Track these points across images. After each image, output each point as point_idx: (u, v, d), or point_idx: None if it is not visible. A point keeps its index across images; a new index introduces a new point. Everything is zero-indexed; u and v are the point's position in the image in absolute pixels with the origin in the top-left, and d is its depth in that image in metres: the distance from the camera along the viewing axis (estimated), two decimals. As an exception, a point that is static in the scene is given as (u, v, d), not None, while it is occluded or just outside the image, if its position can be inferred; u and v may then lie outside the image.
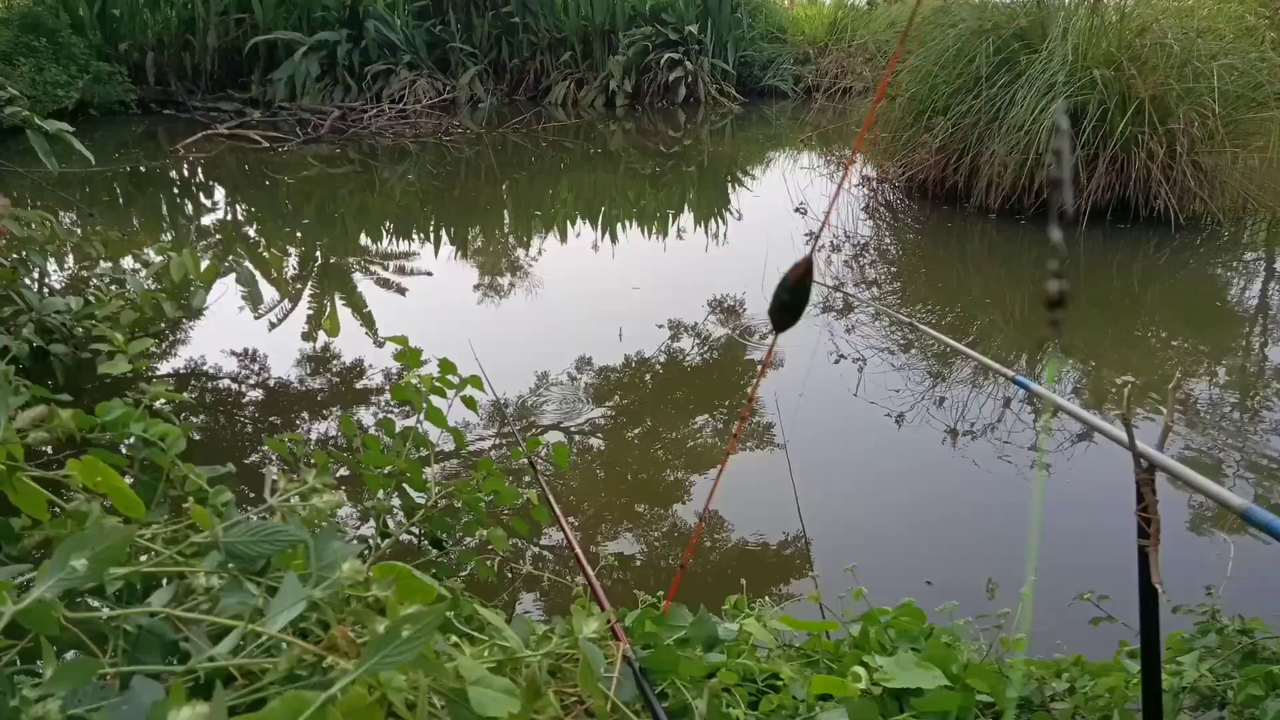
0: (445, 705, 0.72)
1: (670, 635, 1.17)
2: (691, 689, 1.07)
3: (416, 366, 1.50)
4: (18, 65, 8.83)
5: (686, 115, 11.36)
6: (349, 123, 9.93)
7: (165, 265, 3.05)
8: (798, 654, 1.29)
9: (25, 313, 2.95)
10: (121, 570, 0.74)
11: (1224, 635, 1.41)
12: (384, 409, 3.50)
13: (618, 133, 10.36)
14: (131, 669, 0.66)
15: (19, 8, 9.69)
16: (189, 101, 10.70)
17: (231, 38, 11.02)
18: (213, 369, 3.88)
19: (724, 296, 4.88)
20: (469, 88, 11.42)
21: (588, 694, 0.91)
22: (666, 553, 2.69)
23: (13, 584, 0.66)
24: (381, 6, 11.22)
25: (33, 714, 0.56)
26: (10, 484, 0.81)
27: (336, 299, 4.96)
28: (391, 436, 1.53)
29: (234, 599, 0.73)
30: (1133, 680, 1.27)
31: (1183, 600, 1.52)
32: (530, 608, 2.31)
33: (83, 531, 0.66)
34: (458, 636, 0.93)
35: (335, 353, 4.14)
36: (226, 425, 3.50)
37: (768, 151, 9.81)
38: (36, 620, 0.60)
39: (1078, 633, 1.64)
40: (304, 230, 6.54)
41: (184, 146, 8.55)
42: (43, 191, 5.51)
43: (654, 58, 11.56)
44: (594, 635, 0.87)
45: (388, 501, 1.47)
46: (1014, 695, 1.24)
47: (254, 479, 2.80)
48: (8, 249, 3.00)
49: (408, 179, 8.09)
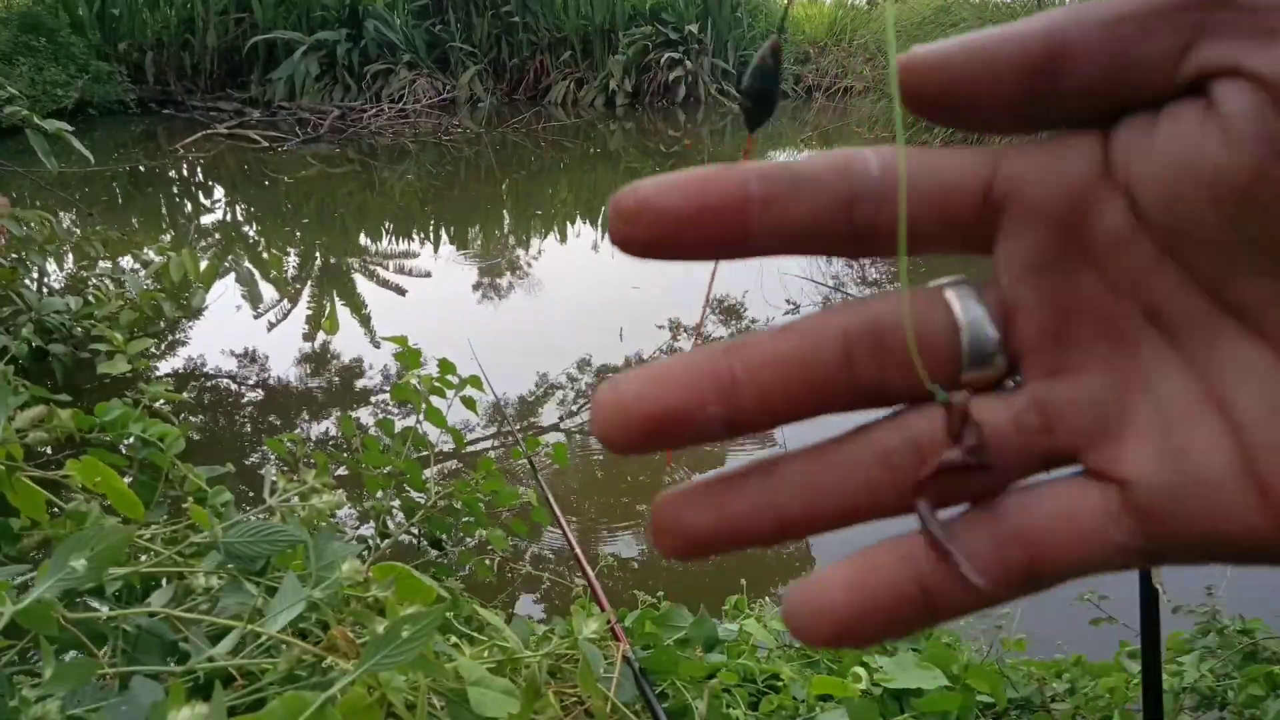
0: (445, 706, 0.72)
1: (670, 636, 1.17)
2: (691, 689, 1.07)
3: (416, 366, 1.50)
4: (17, 65, 8.83)
5: (687, 115, 11.36)
6: (348, 122, 9.93)
7: (164, 265, 3.04)
8: (798, 654, 1.29)
9: (24, 312, 2.95)
10: (121, 570, 0.74)
11: (1225, 635, 1.42)
12: (383, 409, 3.50)
13: (617, 132, 10.36)
14: (131, 669, 0.66)
15: (18, 7, 9.68)
16: (188, 101, 10.70)
17: (231, 37, 11.01)
18: (212, 369, 3.88)
19: (724, 296, 4.89)
20: (468, 87, 11.42)
21: (587, 694, 0.91)
22: (666, 553, 2.68)
23: (12, 584, 0.66)
24: (381, 6, 11.21)
25: (32, 714, 0.56)
26: (9, 484, 0.81)
27: (336, 298, 4.96)
28: (391, 436, 1.53)
29: (233, 599, 0.73)
30: (1133, 681, 1.27)
31: (1183, 600, 1.52)
32: (530, 608, 2.31)
33: (82, 532, 0.66)
34: (457, 637, 0.93)
35: (335, 352, 4.14)
36: (226, 425, 3.50)
37: (768, 151, 9.82)
38: (36, 620, 0.60)
39: (1078, 633, 1.64)
40: (303, 230, 6.55)
41: (183, 146, 8.55)
42: (42, 191, 5.51)
43: (654, 57, 11.56)
44: (594, 636, 0.86)
45: (387, 502, 1.47)
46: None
47: (253, 479, 2.80)
48: (7, 249, 3.00)
49: (407, 178, 8.09)
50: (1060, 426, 0.19)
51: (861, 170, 0.18)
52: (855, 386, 0.19)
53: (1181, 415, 0.18)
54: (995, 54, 0.18)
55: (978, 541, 0.18)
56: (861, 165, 0.18)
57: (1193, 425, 0.18)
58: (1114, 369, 0.18)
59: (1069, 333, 0.19)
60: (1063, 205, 0.18)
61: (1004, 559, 0.18)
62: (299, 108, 10.42)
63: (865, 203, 0.18)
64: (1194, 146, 0.17)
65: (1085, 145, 0.19)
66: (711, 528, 0.19)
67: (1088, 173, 0.18)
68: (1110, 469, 0.18)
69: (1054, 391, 0.19)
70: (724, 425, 0.18)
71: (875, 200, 0.18)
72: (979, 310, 0.19)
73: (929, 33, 6.71)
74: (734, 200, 0.18)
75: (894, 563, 0.19)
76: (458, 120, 10.35)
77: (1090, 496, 0.18)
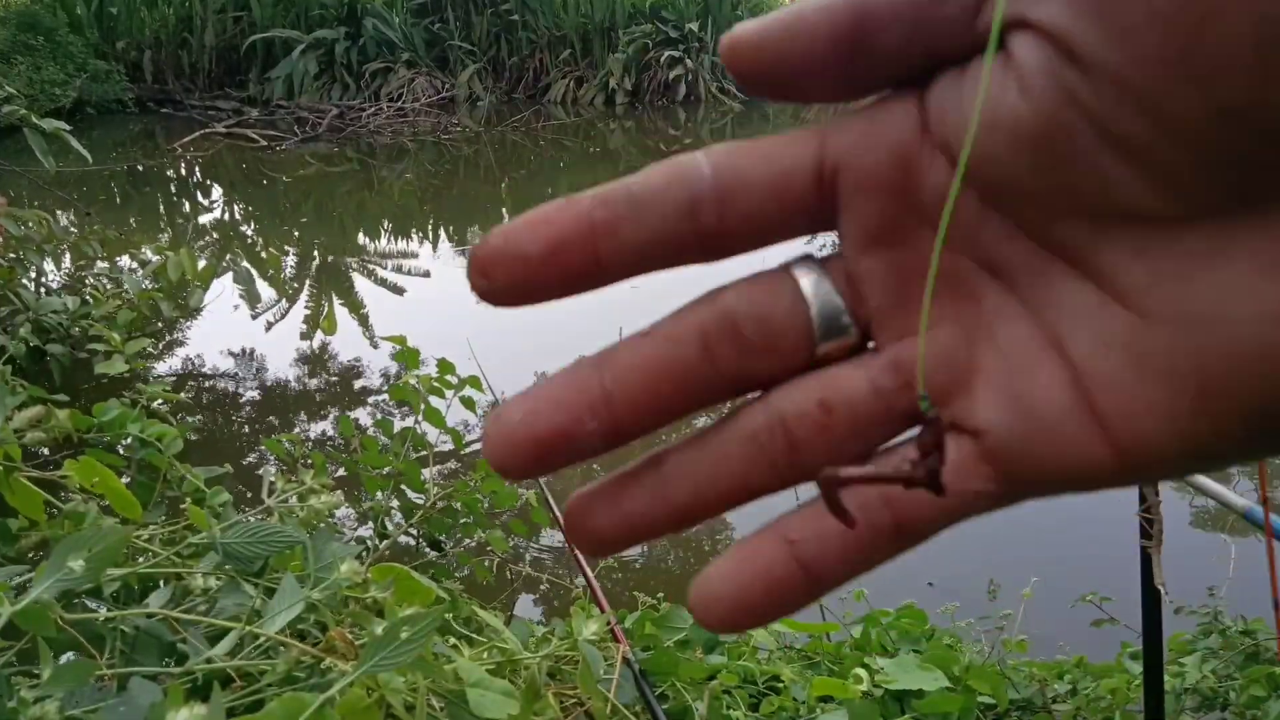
0: (444, 707, 0.72)
1: (670, 637, 1.16)
2: (692, 691, 1.07)
3: (415, 366, 1.50)
4: (15, 64, 8.81)
5: (687, 113, 11.35)
6: (347, 121, 9.92)
7: (162, 264, 3.04)
8: (799, 656, 1.29)
9: (22, 312, 2.94)
10: (119, 571, 0.74)
11: (1226, 636, 1.42)
12: (382, 409, 3.50)
13: (617, 131, 10.36)
14: (129, 670, 0.66)
15: (16, 6, 9.67)
16: (186, 100, 10.69)
17: (229, 36, 11.00)
18: (210, 369, 3.88)
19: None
20: (468, 86, 11.41)
21: (587, 696, 0.91)
22: (667, 554, 2.69)
23: (10, 585, 0.65)
24: (380, 4, 11.21)
25: (30, 715, 0.55)
26: (7, 484, 0.81)
27: (334, 298, 4.96)
28: (389, 437, 1.52)
29: (232, 600, 0.73)
30: (1135, 682, 1.27)
31: (1185, 601, 1.52)
32: (529, 609, 2.31)
33: (80, 532, 0.65)
34: (456, 638, 0.93)
35: (333, 353, 4.13)
36: (224, 425, 3.49)
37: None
38: (34, 621, 0.59)
39: (1080, 634, 1.64)
40: (301, 229, 6.54)
41: (181, 145, 8.54)
42: (40, 190, 5.50)
43: (654, 55, 11.56)
44: (594, 637, 0.86)
45: (386, 502, 1.46)
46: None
47: (251, 479, 2.80)
48: (4, 248, 2.99)
49: (406, 177, 8.09)
50: (915, 384, 0.19)
51: (695, 175, 0.19)
52: (720, 378, 0.19)
53: (1022, 360, 0.18)
54: (807, 28, 0.18)
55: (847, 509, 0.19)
56: (694, 170, 0.19)
57: (1033, 368, 0.18)
58: (959, 322, 0.19)
59: (914, 293, 0.19)
60: (889, 171, 0.19)
61: (871, 524, 0.19)
62: (297, 106, 10.42)
63: (705, 205, 0.19)
64: (994, 99, 0.17)
65: (902, 109, 0.19)
66: (615, 526, 0.20)
67: (907, 136, 0.19)
68: (964, 420, 0.19)
69: (905, 351, 0.19)
70: (604, 438, 0.19)
71: (714, 201, 0.19)
72: (825, 284, 0.19)
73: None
74: (580, 233, 0.19)
75: (771, 546, 0.19)
76: (457, 119, 10.34)
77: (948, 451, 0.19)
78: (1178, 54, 0.15)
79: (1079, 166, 0.16)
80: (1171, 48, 0.15)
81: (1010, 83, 0.17)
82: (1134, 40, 0.15)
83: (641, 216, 0.19)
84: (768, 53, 0.19)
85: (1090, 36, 0.15)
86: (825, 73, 0.19)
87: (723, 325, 0.19)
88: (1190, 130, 0.15)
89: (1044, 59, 0.16)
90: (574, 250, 0.18)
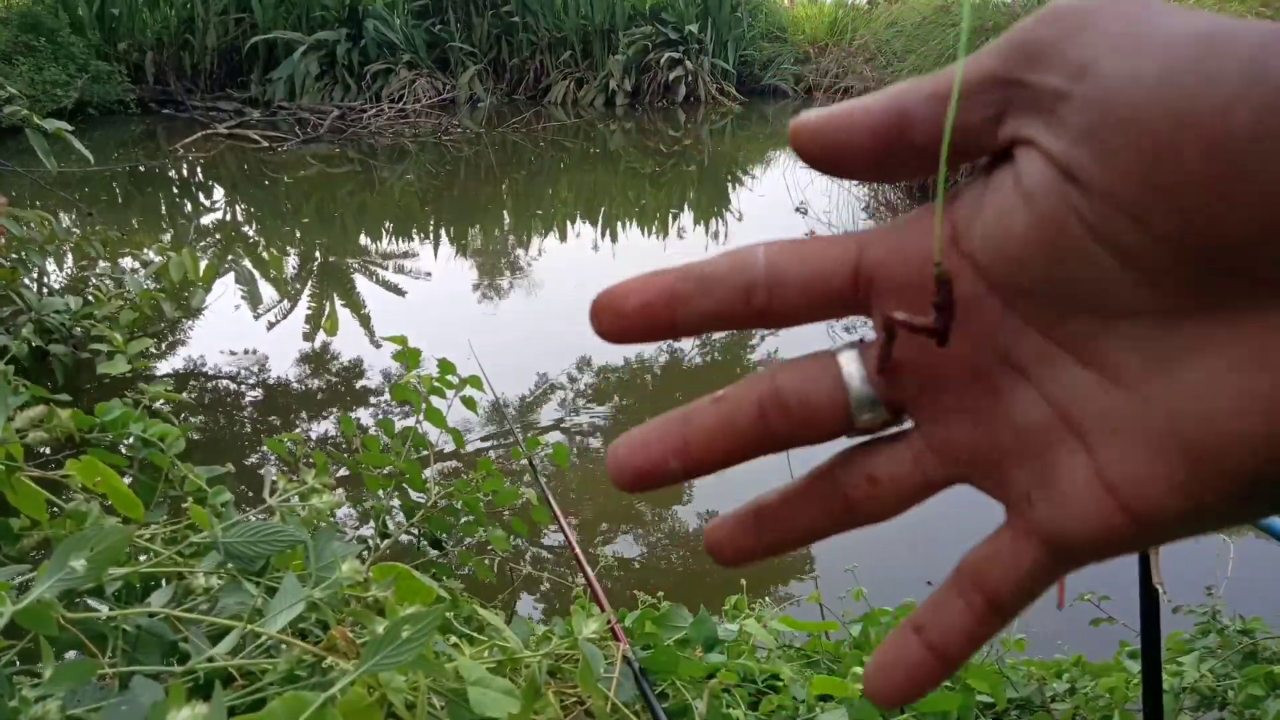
0: (445, 706, 0.72)
1: (670, 636, 1.17)
2: (691, 689, 1.07)
3: (416, 366, 1.50)
4: (17, 65, 8.82)
5: (687, 115, 11.35)
6: (348, 122, 9.92)
7: (164, 265, 3.05)
8: (798, 654, 1.29)
9: (24, 312, 2.95)
10: (120, 570, 0.74)
11: (1225, 635, 1.42)
12: (383, 409, 3.50)
13: (617, 132, 10.36)
14: (131, 669, 0.66)
15: (18, 7, 9.67)
16: (188, 101, 10.69)
17: (230, 37, 11.01)
18: (212, 369, 3.88)
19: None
20: (468, 87, 11.41)
21: (587, 694, 0.91)
22: (667, 553, 2.69)
23: (12, 584, 0.65)
24: (381, 6, 11.20)
25: (32, 714, 0.56)
26: (9, 484, 0.81)
27: (335, 299, 4.96)
28: (391, 437, 1.52)
29: (233, 599, 0.73)
30: (1133, 681, 1.27)
31: (1183, 600, 1.52)
32: (530, 608, 2.31)
33: (82, 532, 0.66)
34: (457, 637, 0.93)
35: (334, 353, 4.14)
36: (226, 425, 3.50)
37: (768, 151, 9.81)
38: (35, 620, 0.60)
39: (1078, 633, 1.64)
40: (303, 230, 6.54)
41: (183, 146, 8.55)
42: (42, 191, 5.51)
43: (654, 57, 11.56)
44: (594, 636, 0.86)
45: (387, 502, 1.47)
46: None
47: (253, 479, 2.80)
48: (7, 249, 3.00)
49: (407, 178, 8.09)
50: (948, 461, 0.23)
51: (753, 265, 0.23)
52: (773, 439, 0.24)
53: (1041, 442, 0.22)
54: (856, 122, 0.22)
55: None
56: (753, 260, 0.24)
57: (1052, 449, 0.21)
58: (981, 409, 0.23)
59: (942, 382, 0.23)
60: (918, 279, 0.22)
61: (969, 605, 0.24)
62: (299, 108, 10.42)
63: (759, 291, 0.23)
64: (1009, 213, 0.20)
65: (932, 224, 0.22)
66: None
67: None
68: (998, 496, 0.23)
69: (935, 435, 0.23)
70: (683, 473, 0.24)
71: (765, 288, 0.23)
72: (860, 370, 0.24)
73: (929, 32, 6.70)
74: (663, 299, 0.24)
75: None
76: (457, 120, 10.34)
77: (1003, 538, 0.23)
78: (1149, 172, 0.17)
79: (1081, 268, 0.19)
80: (1145, 167, 0.18)
81: (1020, 200, 0.20)
82: (1117, 161, 0.18)
83: (709, 291, 0.24)
84: (825, 139, 0.23)
85: (1084, 159, 0.18)
86: (867, 158, 0.22)
87: (775, 400, 0.24)
88: (1170, 238, 0.18)
89: (1047, 178, 0.19)
90: (658, 311, 0.24)
